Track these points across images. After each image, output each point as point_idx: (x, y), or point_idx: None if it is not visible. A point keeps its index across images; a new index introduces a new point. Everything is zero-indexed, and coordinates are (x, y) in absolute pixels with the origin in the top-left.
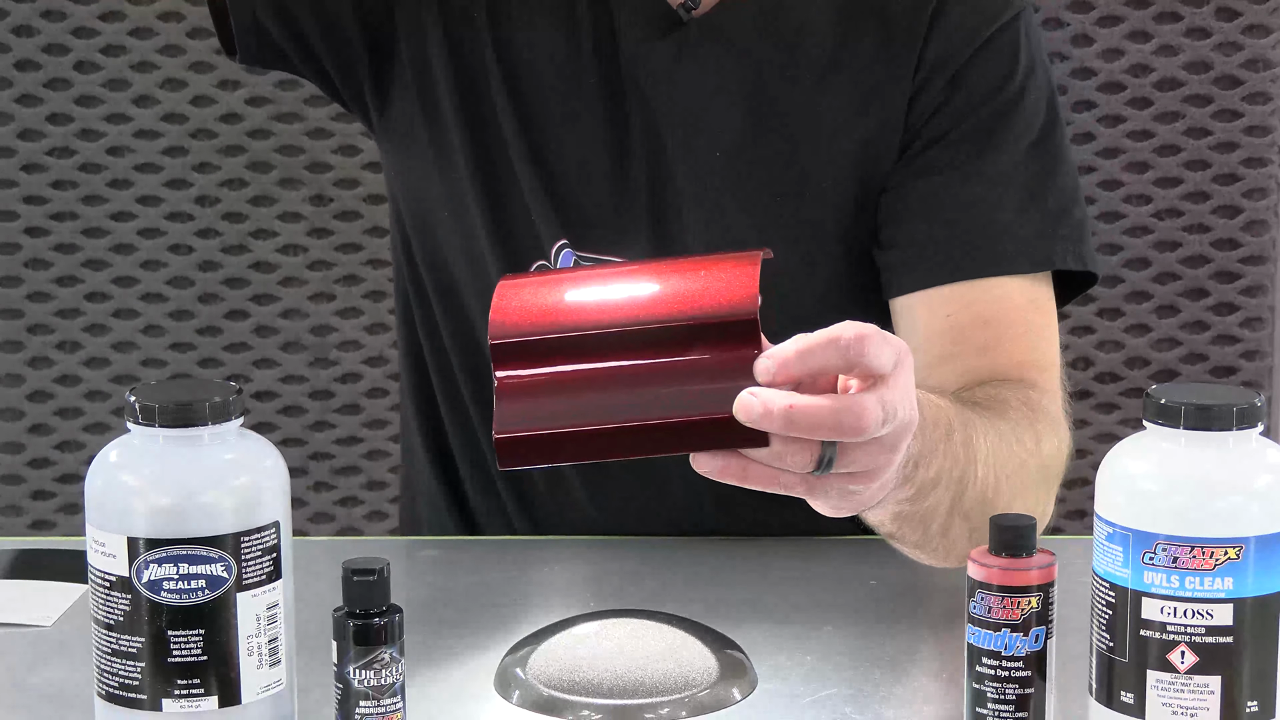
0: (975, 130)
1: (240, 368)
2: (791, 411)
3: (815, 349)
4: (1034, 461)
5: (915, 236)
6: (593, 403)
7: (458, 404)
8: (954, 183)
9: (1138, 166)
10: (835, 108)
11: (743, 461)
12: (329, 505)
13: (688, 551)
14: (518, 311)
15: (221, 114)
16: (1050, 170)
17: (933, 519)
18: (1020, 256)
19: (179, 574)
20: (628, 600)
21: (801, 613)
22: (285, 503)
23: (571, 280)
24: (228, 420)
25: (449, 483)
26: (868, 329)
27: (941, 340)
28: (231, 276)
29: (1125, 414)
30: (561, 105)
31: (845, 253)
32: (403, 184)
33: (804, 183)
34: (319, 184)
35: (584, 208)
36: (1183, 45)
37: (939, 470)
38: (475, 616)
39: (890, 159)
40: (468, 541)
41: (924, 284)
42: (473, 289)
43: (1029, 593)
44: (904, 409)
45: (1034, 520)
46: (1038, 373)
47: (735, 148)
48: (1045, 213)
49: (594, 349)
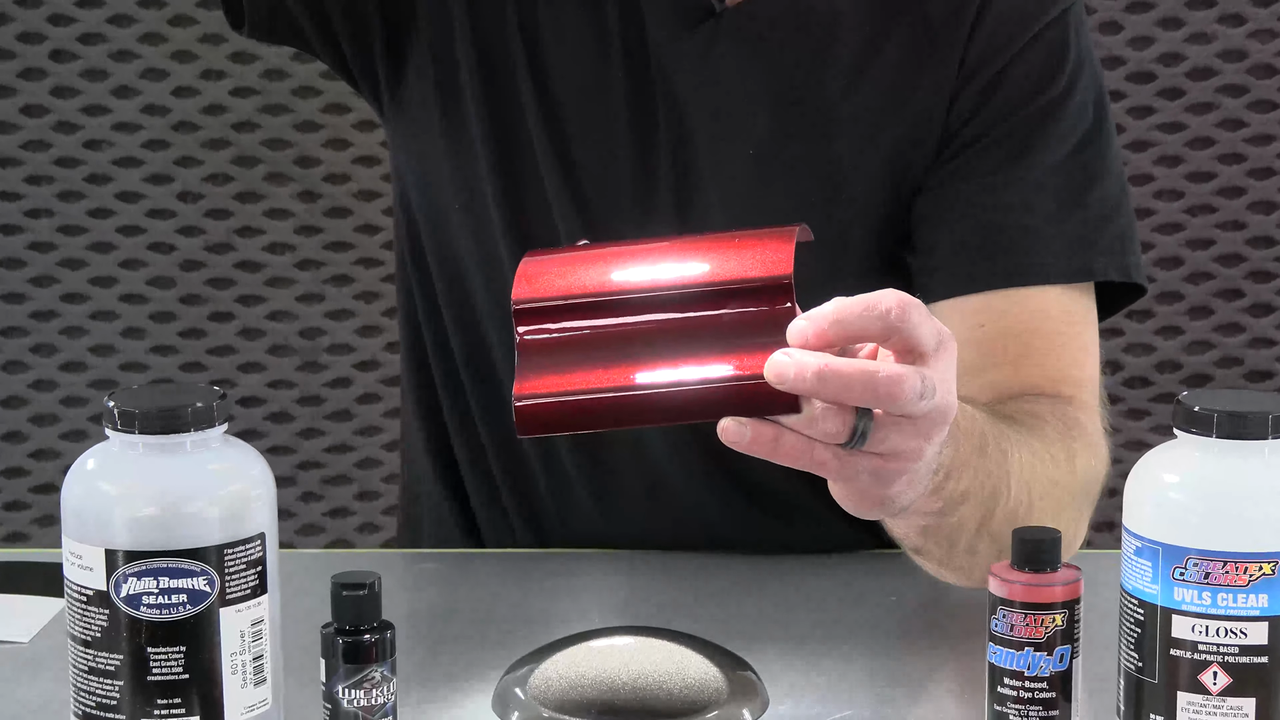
0: (1016, 131)
1: (225, 372)
2: (825, 371)
3: (854, 311)
4: (1069, 482)
5: (947, 242)
6: (617, 364)
7: (462, 407)
8: (990, 187)
9: (1169, 160)
10: (870, 104)
11: (774, 430)
12: (318, 517)
13: (698, 566)
14: (543, 277)
15: (205, 105)
16: (1094, 176)
17: (959, 536)
18: (1056, 266)
19: (159, 588)
20: (634, 616)
21: (816, 630)
22: (272, 514)
23: (601, 250)
24: (212, 427)
25: (452, 488)
26: (909, 298)
27: (972, 351)
28: (216, 276)
29: (1155, 421)
30: (587, 97)
31: (877, 256)
32: (412, 171)
33: (836, 182)
34: (308, 179)
35: (607, 205)
36: (1216, 32)
37: (969, 485)
38: (473, 633)
39: (926, 159)
40: (467, 554)
41: (955, 292)
42: (483, 287)
43: (1053, 610)
44: (943, 391)
45: (1058, 533)
46: (1074, 388)
47: (764, 145)
48: (1085, 221)
49: (620, 310)
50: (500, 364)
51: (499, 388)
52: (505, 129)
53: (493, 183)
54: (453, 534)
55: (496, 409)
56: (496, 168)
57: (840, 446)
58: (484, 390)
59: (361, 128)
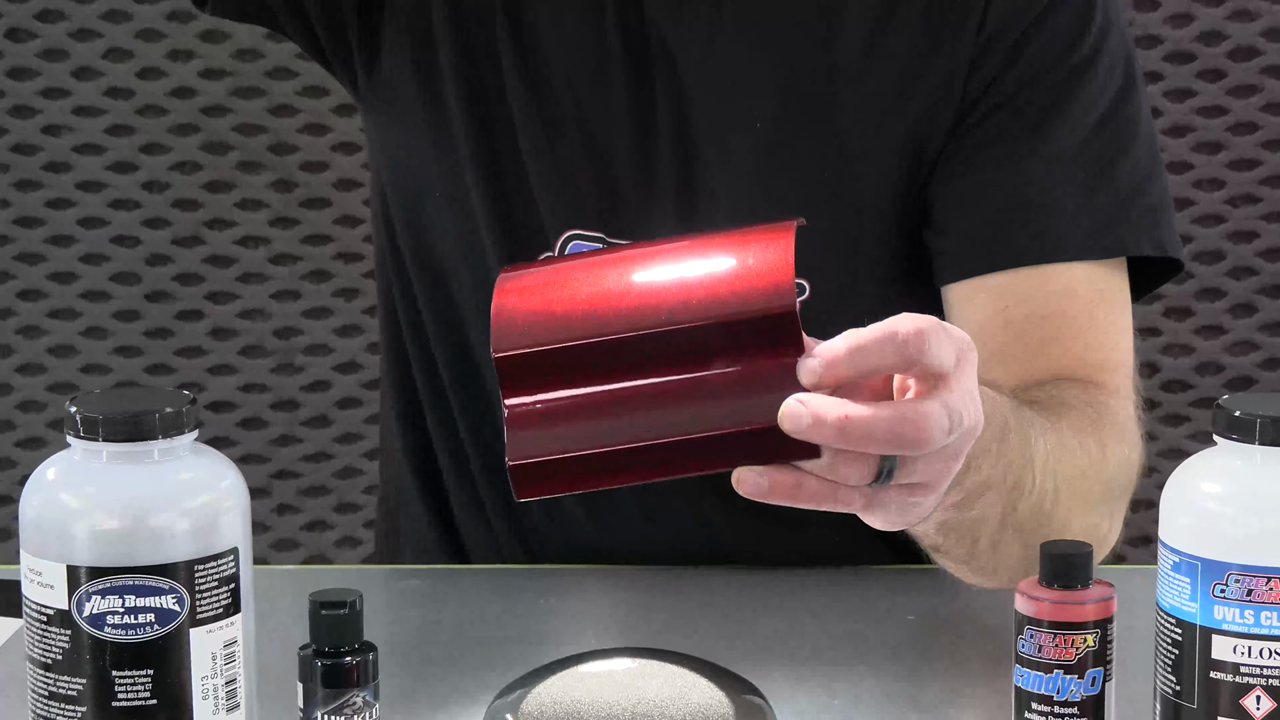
0: (1038, 99)
1: (194, 375)
2: (847, 423)
3: (869, 346)
4: (1098, 472)
5: (967, 219)
6: (617, 425)
7: (444, 414)
8: (1012, 158)
9: (1209, 147)
10: (883, 76)
11: (793, 477)
12: (295, 530)
13: (701, 581)
14: (523, 314)
15: (173, 88)
16: (1124, 144)
17: (981, 530)
18: (1083, 241)
19: (125, 607)
20: (632, 637)
21: (829, 651)
22: (245, 527)
23: (582, 272)
24: (181, 434)
25: (434, 499)
26: (926, 322)
27: (996, 335)
28: (184, 272)
29: (1195, 427)
30: (580, 80)
31: (895, 234)
32: (389, 159)
33: (848, 161)
34: (283, 167)
35: (603, 194)
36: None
37: (990, 474)
38: (460, 655)
39: (943, 133)
40: (453, 570)
41: (976, 271)
42: (466, 283)
43: (1084, 629)
44: (969, 413)
45: (1090, 548)
46: (1105, 373)
47: (773, 124)
48: (1115, 192)
49: (613, 362)
50: (486, 366)
51: (484, 391)
52: (488, 113)
53: (474, 172)
54: (435, 549)
55: (481, 414)
56: (478, 156)
57: (866, 486)
58: (468, 393)
59: (341, 112)
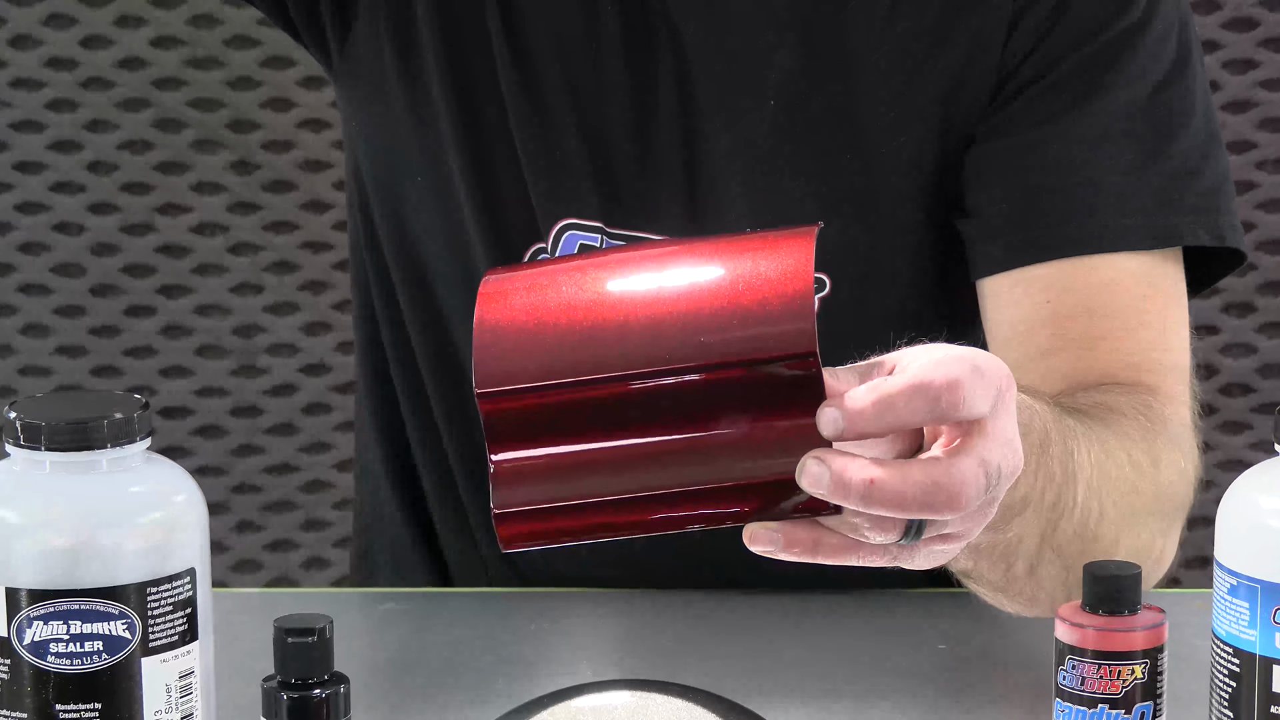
0: (1084, 68)
1: (145, 377)
2: (872, 488)
3: (897, 399)
4: (1150, 487)
5: (1004, 204)
6: (615, 481)
7: (426, 422)
8: (1054, 136)
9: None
10: (909, 40)
11: (811, 534)
12: (257, 550)
13: (708, 606)
14: (511, 343)
15: (120, 58)
16: (1178, 120)
17: (1018, 554)
18: (1133, 229)
19: (70, 634)
20: (632, 667)
21: (848, 684)
22: (203, 546)
23: (576, 287)
24: (132, 442)
25: (414, 516)
26: (961, 369)
27: (1037, 333)
28: (133, 263)
29: (1257, 435)
30: (572, 48)
31: (924, 222)
32: (365, 138)
33: (873, 137)
34: (244, 146)
35: (600, 180)
36: None
37: (1029, 491)
38: (441, 687)
39: (979, 106)
40: (433, 594)
41: (1015, 262)
42: (451, 278)
43: (1132, 659)
44: (1008, 463)
45: (1138, 569)
46: (1158, 375)
47: (788, 97)
48: (1168, 174)
49: (611, 407)
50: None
51: (469, 396)
52: (472, 90)
53: (459, 156)
54: (415, 570)
55: (466, 421)
56: (462, 136)
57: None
58: (452, 399)
59: (309, 85)
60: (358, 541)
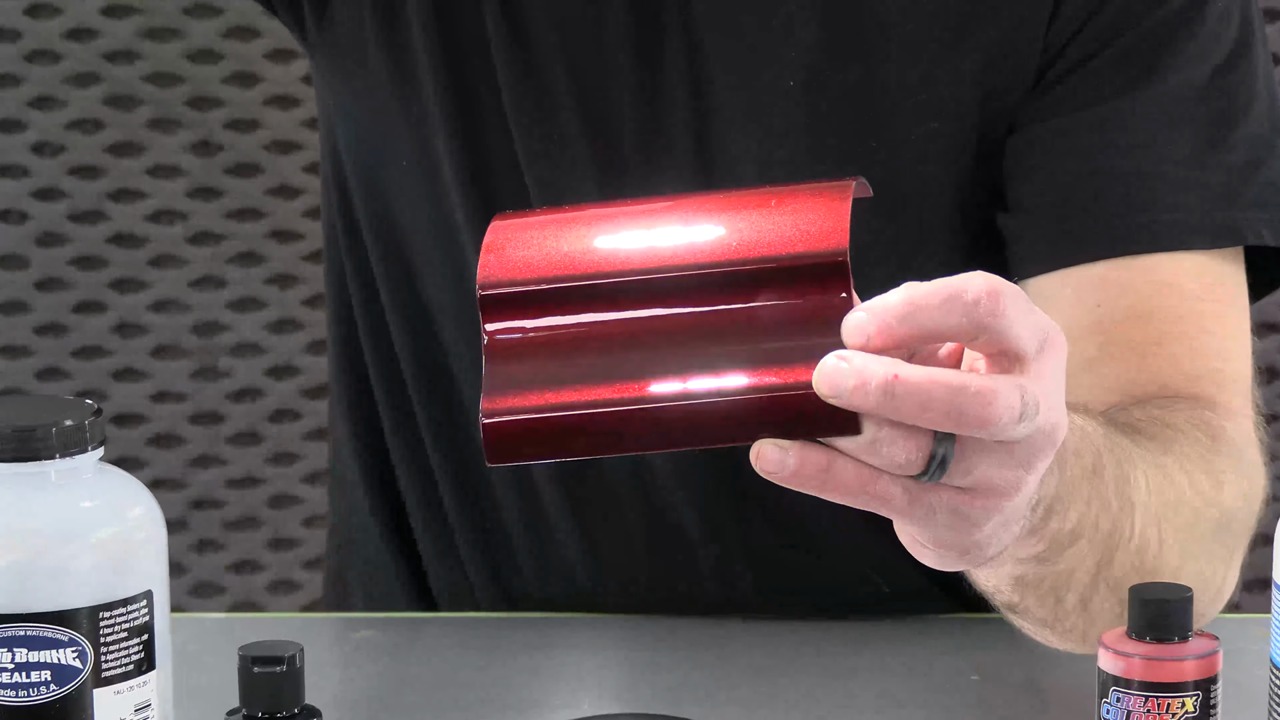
0: (1137, 49)
1: (95, 381)
2: (895, 384)
3: (931, 302)
4: (1212, 514)
5: (1049, 197)
6: (616, 369)
7: (408, 429)
8: (1104, 123)
9: None
10: (946, 17)
11: (825, 456)
12: (219, 572)
13: (718, 634)
14: (519, 250)
15: (69, 29)
16: (1240, 107)
17: (1068, 587)
18: (1191, 225)
19: (14, 663)
20: (635, 700)
21: (873, 718)
22: (161, 566)
23: (592, 211)
24: (82, 452)
25: (394, 534)
26: (1004, 284)
27: (1086, 340)
28: (82, 254)
29: None
30: (572, 19)
31: (959, 217)
32: (343, 117)
33: (902, 121)
34: (205, 125)
35: (602, 165)
36: None
37: (1080, 521)
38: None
39: (1021, 89)
40: (414, 619)
41: (1061, 262)
42: (437, 272)
43: (1183, 691)
44: (1049, 409)
45: (1189, 592)
46: (1217, 387)
47: (809, 76)
48: (1228, 165)
49: (619, 298)
50: (460, 373)
51: (457, 402)
52: (464, 66)
53: (447, 135)
54: (395, 593)
55: (453, 430)
56: (451, 116)
57: (912, 478)
58: (437, 405)
59: (275, 58)
60: (331, 561)
